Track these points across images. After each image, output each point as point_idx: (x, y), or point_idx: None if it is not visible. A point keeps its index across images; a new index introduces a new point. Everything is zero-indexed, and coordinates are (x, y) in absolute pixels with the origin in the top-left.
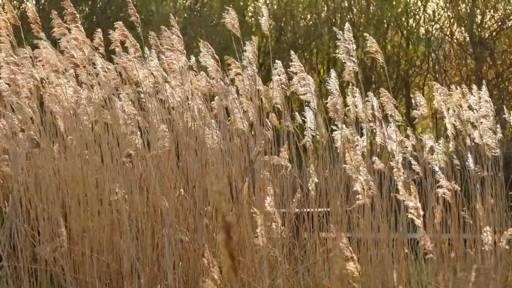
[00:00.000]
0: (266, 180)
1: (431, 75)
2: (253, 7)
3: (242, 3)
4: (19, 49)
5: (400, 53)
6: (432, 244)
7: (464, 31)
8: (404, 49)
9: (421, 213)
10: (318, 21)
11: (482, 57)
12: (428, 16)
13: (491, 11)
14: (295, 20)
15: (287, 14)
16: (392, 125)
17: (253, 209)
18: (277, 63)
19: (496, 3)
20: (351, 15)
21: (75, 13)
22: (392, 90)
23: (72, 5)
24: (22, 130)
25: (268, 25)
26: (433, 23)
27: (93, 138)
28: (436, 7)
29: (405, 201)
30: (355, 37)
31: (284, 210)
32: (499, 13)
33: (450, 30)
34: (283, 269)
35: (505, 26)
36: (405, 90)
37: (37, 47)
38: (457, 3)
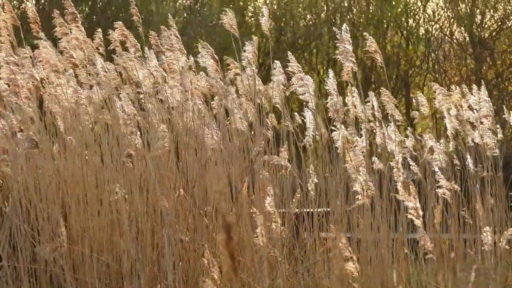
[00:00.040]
0: (266, 180)
1: (431, 75)
2: (253, 7)
3: (242, 3)
4: (19, 49)
5: (400, 53)
6: (432, 244)
7: (464, 31)
8: (404, 49)
9: (420, 213)
10: (318, 21)
11: (482, 57)
12: (428, 16)
13: (491, 11)
14: (295, 20)
15: (287, 14)
16: (392, 125)
17: (253, 209)
18: (276, 63)
19: (496, 3)
20: (351, 15)
21: (76, 13)
22: (392, 90)
23: (72, 4)
24: (20, 130)
25: (268, 25)
26: (433, 23)
27: (93, 138)
28: (436, 7)
29: (405, 201)
30: (355, 37)
31: (284, 210)
32: (499, 13)
33: (450, 30)
34: (283, 269)
35: (505, 26)
36: (405, 90)
37: (37, 47)
38: (456, 3)
